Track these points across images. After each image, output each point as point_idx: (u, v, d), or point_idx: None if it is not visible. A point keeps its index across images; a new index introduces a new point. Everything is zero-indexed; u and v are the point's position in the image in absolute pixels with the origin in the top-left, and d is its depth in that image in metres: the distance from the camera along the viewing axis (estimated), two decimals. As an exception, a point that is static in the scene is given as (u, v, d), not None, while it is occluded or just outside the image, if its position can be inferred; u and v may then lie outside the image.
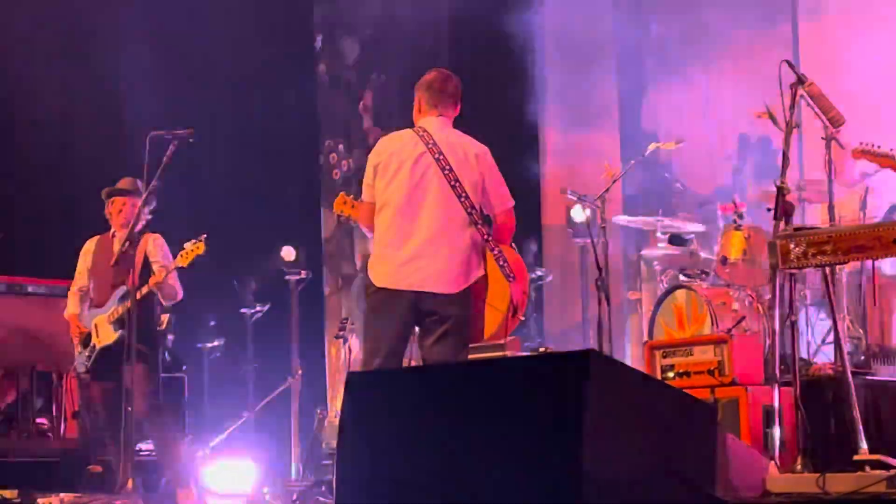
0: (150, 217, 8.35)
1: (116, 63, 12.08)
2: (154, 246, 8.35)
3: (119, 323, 8.13)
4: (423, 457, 4.01)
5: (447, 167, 6.31)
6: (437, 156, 6.33)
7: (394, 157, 6.38)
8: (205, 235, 8.06)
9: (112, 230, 8.47)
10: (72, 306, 8.51)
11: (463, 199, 6.29)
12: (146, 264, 8.25)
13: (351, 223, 6.86)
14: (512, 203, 6.53)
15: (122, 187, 8.48)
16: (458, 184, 6.30)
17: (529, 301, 10.45)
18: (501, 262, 6.31)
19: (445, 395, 4.07)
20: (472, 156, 6.41)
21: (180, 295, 8.37)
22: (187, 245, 8.08)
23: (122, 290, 8.19)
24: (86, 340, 8.32)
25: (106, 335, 8.23)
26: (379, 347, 6.29)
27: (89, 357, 8.28)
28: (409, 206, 6.31)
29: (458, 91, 6.66)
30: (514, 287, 6.32)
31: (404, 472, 4.04)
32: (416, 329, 6.42)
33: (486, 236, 6.32)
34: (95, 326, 8.29)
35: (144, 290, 8.06)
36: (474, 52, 11.66)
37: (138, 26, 12.17)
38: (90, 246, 8.54)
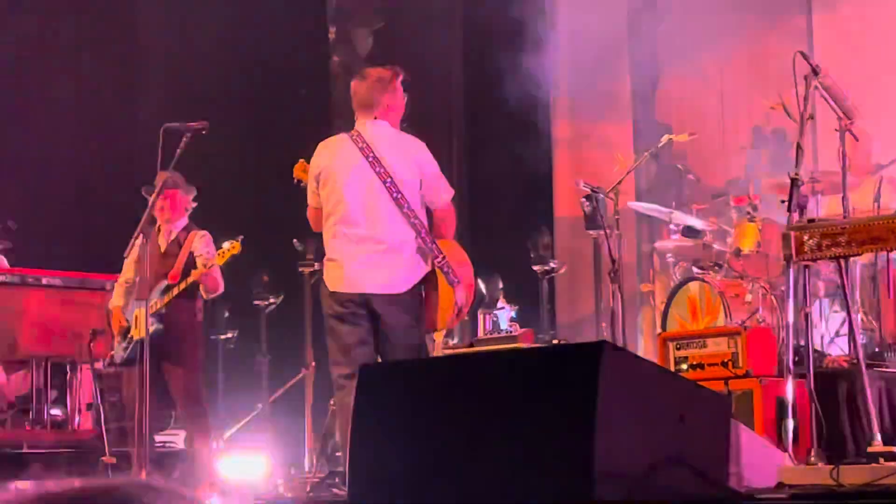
0: (193, 206, 8.51)
1: (131, 55, 12.10)
2: (200, 242, 8.50)
3: (158, 316, 8.22)
4: (434, 447, 4.01)
5: (384, 173, 6.46)
6: (372, 162, 6.48)
7: (332, 169, 6.58)
8: (241, 237, 8.21)
9: (158, 224, 8.52)
10: (116, 298, 8.57)
11: (401, 202, 6.44)
12: (191, 260, 8.37)
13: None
14: (450, 195, 6.71)
15: (162, 182, 8.55)
16: (395, 188, 6.45)
17: (541, 292, 10.49)
18: (446, 270, 6.48)
19: (458, 386, 4.07)
20: (409, 157, 6.58)
21: (221, 288, 8.56)
22: (224, 244, 8.23)
23: (163, 283, 8.29)
24: (125, 332, 8.37)
25: (144, 328, 8.29)
26: (342, 348, 6.52)
27: (126, 348, 8.33)
28: (352, 213, 6.50)
29: (374, 86, 6.76)
30: (458, 290, 6.50)
31: (416, 463, 4.05)
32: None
33: (429, 244, 6.45)
34: (136, 318, 8.35)
35: (183, 284, 8.17)
36: (487, 44, 11.65)
37: (152, 17, 12.19)
38: (138, 239, 8.58)
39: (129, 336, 8.34)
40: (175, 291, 8.21)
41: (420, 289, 6.47)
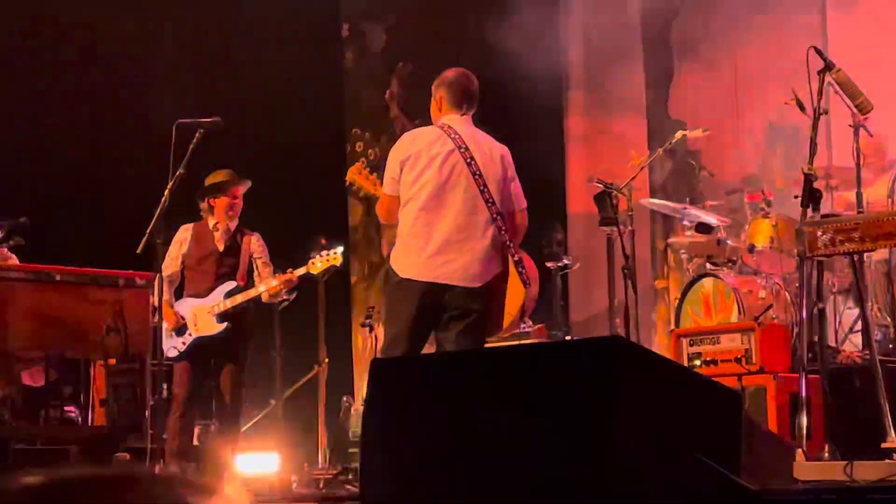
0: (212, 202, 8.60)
1: (143, 54, 12.11)
2: (258, 245, 8.63)
3: (223, 316, 8.33)
4: (448, 444, 4.01)
5: (475, 166, 6.43)
6: (465, 154, 6.44)
7: (423, 154, 6.47)
8: (341, 248, 8.27)
9: (215, 221, 8.55)
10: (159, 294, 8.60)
11: (487, 198, 6.42)
12: (250, 263, 8.55)
13: (360, 194, 7.04)
14: (526, 204, 6.67)
15: (226, 179, 8.59)
16: (483, 182, 6.43)
17: (554, 289, 10.49)
18: (520, 269, 6.48)
19: (471, 381, 4.07)
20: (497, 155, 6.56)
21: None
22: (324, 253, 8.27)
23: (230, 284, 8.37)
24: (180, 328, 8.41)
25: (207, 326, 8.36)
26: (401, 336, 6.43)
27: (184, 343, 8.39)
28: (436, 201, 6.42)
29: (478, 90, 6.74)
30: (529, 293, 6.49)
31: (430, 459, 4.05)
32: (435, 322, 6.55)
33: (508, 242, 6.46)
34: (194, 315, 8.39)
35: (268, 289, 8.36)
36: (499, 40, 11.63)
37: (164, 17, 12.20)
38: (185, 234, 8.60)
39: (188, 332, 8.39)
40: (253, 293, 8.31)
41: (494, 286, 6.43)
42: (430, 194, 6.41)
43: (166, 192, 7.70)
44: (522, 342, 9.10)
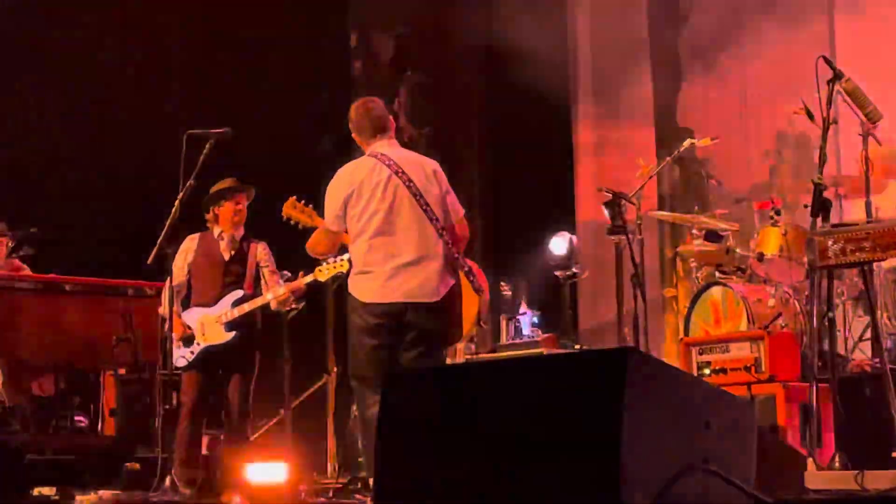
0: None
1: (152, 62, 12.13)
2: (265, 253, 8.60)
3: (231, 325, 8.31)
4: (460, 454, 4.01)
5: (414, 187, 6.62)
6: (402, 177, 6.63)
7: (364, 186, 6.66)
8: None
9: (220, 230, 8.53)
10: (168, 303, 8.57)
11: (430, 215, 6.61)
12: (256, 271, 8.53)
13: (299, 227, 7.18)
14: (463, 212, 6.85)
15: (229, 186, 8.59)
16: (424, 201, 6.62)
17: (563, 298, 10.50)
18: (471, 278, 6.75)
19: (483, 392, 4.07)
20: (430, 172, 6.76)
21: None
22: (330, 260, 8.28)
23: (237, 293, 8.35)
24: (188, 338, 8.40)
25: (215, 335, 8.34)
26: (366, 360, 6.61)
27: (192, 353, 8.38)
28: (386, 226, 6.61)
29: (385, 110, 6.94)
30: (482, 299, 6.82)
31: (442, 470, 4.05)
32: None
33: (456, 254, 6.64)
34: (201, 325, 8.38)
35: (275, 297, 8.32)
36: (508, 50, 11.65)
37: (173, 26, 12.23)
38: (191, 244, 8.58)
39: (196, 342, 8.38)
40: (260, 302, 8.30)
41: (450, 298, 6.59)
42: (380, 221, 6.61)
43: (177, 203, 7.71)
44: (534, 352, 9.11)
